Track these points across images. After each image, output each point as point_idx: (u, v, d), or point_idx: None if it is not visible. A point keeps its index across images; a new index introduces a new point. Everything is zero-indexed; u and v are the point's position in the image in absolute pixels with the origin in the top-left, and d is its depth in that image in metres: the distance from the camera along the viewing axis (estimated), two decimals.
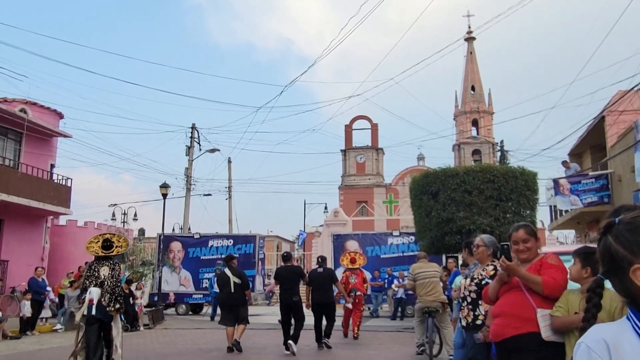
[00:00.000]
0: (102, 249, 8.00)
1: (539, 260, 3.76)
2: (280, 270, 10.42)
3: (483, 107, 55.38)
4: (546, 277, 3.59)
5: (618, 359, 1.18)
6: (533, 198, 14.72)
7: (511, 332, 3.65)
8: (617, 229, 1.31)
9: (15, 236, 18.86)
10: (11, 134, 19.12)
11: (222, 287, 10.18)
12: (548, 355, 3.52)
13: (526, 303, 3.64)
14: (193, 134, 28.42)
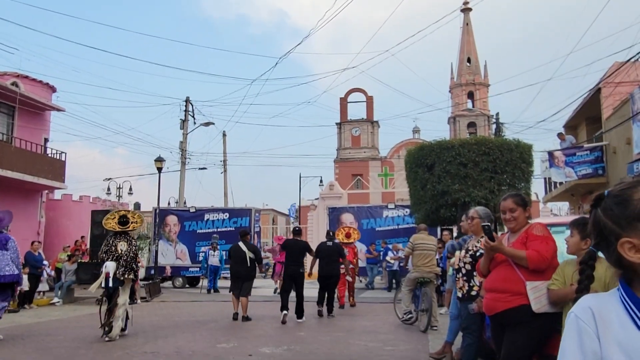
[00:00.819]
0: (119, 225, 8.60)
1: (525, 231, 3.79)
2: (289, 241, 10.93)
3: (479, 79, 55.14)
4: (530, 252, 3.61)
5: (604, 327, 1.19)
6: (528, 170, 14.77)
7: (502, 307, 3.70)
8: (605, 202, 1.31)
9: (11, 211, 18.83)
10: (3, 108, 18.95)
11: (237, 260, 10.59)
12: (540, 325, 3.56)
13: (515, 277, 3.68)
14: (187, 107, 28.21)
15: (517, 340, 3.62)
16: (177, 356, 6.84)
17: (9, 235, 8.51)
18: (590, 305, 1.24)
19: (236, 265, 10.67)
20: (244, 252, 10.51)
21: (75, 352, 7.22)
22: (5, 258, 8.05)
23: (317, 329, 9.36)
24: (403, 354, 6.96)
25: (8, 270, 8.01)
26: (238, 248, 10.68)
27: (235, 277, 10.70)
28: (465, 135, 45.49)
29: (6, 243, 8.22)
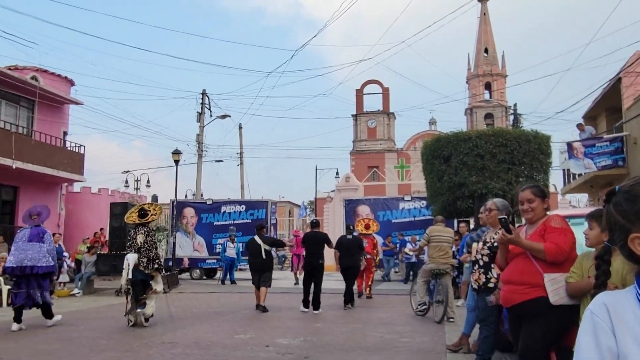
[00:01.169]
0: (139, 217, 9.03)
1: (543, 223, 3.76)
2: (308, 235, 11.18)
3: (496, 69, 54.56)
4: (548, 244, 3.58)
5: (619, 324, 1.20)
6: (546, 162, 14.61)
7: (519, 299, 3.68)
8: (616, 197, 1.31)
9: (31, 203, 19.01)
10: (23, 102, 19.19)
11: (253, 253, 10.90)
12: (558, 318, 3.54)
13: (533, 269, 3.66)
14: (204, 99, 28.34)
15: (535, 332, 3.61)
16: (195, 346, 6.92)
17: (45, 229, 9.02)
18: (605, 301, 1.25)
19: (253, 258, 10.99)
20: (259, 245, 10.79)
21: (96, 342, 7.34)
22: (42, 250, 8.56)
23: (334, 321, 9.40)
24: (419, 346, 6.97)
25: (44, 262, 8.53)
26: (254, 242, 10.97)
27: (253, 269, 11.02)
28: (483, 126, 45.09)
29: (43, 236, 8.74)
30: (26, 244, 8.55)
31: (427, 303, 9.60)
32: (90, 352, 6.60)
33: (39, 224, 8.90)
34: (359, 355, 6.36)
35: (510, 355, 6.27)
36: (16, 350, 6.73)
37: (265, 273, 10.77)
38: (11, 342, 7.31)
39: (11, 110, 18.78)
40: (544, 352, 3.63)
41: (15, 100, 18.83)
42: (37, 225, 8.82)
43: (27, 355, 6.46)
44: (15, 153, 16.94)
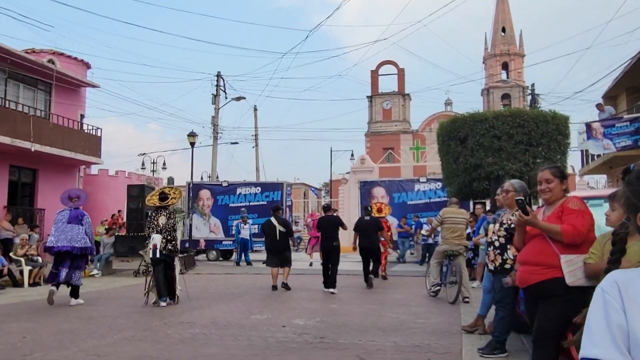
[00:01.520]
0: (159, 200, 9.38)
1: (561, 204, 3.72)
2: (322, 219, 11.50)
3: (514, 49, 53.78)
4: (565, 226, 3.55)
5: (630, 302, 1.20)
6: (564, 143, 14.44)
7: (535, 279, 3.67)
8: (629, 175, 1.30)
9: (50, 185, 19.37)
10: (41, 85, 19.35)
11: (269, 234, 11.21)
12: (574, 298, 3.52)
13: (549, 250, 3.64)
14: (219, 81, 28.34)
15: (551, 312, 3.60)
16: (212, 326, 7.01)
17: (83, 212, 9.65)
18: (616, 279, 1.25)
19: (269, 239, 11.26)
20: (274, 226, 11.09)
21: (115, 321, 7.47)
22: (80, 231, 9.19)
23: (349, 302, 9.46)
24: (435, 327, 6.99)
25: (82, 243, 9.15)
26: (270, 223, 11.25)
27: (270, 250, 11.33)
28: (499, 107, 44.61)
29: (82, 218, 9.38)
30: (66, 226, 9.11)
31: (440, 284, 9.67)
32: (110, 331, 6.73)
33: (78, 206, 9.48)
34: (375, 335, 6.41)
35: (526, 336, 6.27)
36: (38, 329, 6.87)
37: (282, 254, 11.10)
38: (33, 322, 7.47)
39: (29, 93, 18.94)
40: (559, 333, 3.62)
41: (32, 83, 18.98)
42: (76, 207, 9.41)
43: (49, 334, 6.60)
44: (34, 136, 17.13)
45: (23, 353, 5.56)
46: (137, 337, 6.39)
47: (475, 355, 5.44)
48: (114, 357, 5.35)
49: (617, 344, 1.17)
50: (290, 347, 5.80)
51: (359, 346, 5.82)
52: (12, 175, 18.20)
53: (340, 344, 5.95)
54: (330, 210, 11.76)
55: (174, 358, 5.29)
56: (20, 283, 12.30)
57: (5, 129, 16.28)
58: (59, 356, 5.42)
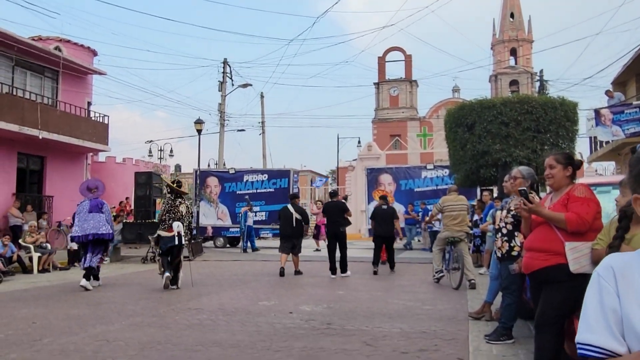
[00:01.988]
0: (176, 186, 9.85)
1: (567, 192, 3.72)
2: (328, 205, 11.77)
3: (522, 35, 53.28)
4: (569, 214, 3.56)
5: (625, 286, 1.20)
6: (572, 129, 14.30)
7: (539, 265, 3.70)
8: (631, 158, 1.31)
9: (58, 173, 19.46)
10: (48, 72, 19.37)
11: (285, 221, 11.53)
12: (577, 285, 3.52)
13: (554, 237, 3.65)
14: (225, 69, 28.28)
15: (554, 298, 3.62)
16: (220, 312, 7.06)
17: (103, 201, 10.20)
18: (612, 263, 1.25)
19: (285, 225, 11.57)
20: (291, 213, 11.43)
21: (124, 307, 7.53)
22: (102, 219, 9.79)
23: (356, 288, 9.49)
24: (442, 313, 7.01)
25: (104, 230, 9.77)
26: (286, 210, 11.60)
27: (284, 236, 11.61)
28: (507, 93, 44.26)
29: (102, 207, 9.95)
30: (87, 215, 9.72)
31: (443, 270, 9.82)
32: (119, 317, 6.79)
33: (97, 196, 10.06)
34: (382, 321, 6.43)
35: (532, 323, 6.27)
36: (47, 315, 6.94)
37: (296, 240, 11.43)
38: (42, 308, 7.55)
39: (36, 80, 18.97)
40: (561, 319, 3.64)
41: (39, 70, 19.01)
42: (95, 197, 9.99)
43: (58, 319, 6.66)
44: (41, 123, 17.18)
45: (33, 338, 5.62)
46: (145, 322, 6.44)
47: (482, 342, 5.45)
48: (122, 342, 5.40)
49: (611, 329, 1.18)
50: (297, 333, 5.83)
51: (366, 332, 5.84)
52: (21, 162, 18.29)
53: (347, 330, 5.98)
54: (337, 196, 12.03)
55: (182, 343, 5.34)
56: (30, 270, 12.41)
57: (13, 117, 16.33)
58: (68, 341, 5.47)
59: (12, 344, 5.37)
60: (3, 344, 5.36)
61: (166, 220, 9.49)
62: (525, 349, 5.17)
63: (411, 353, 4.98)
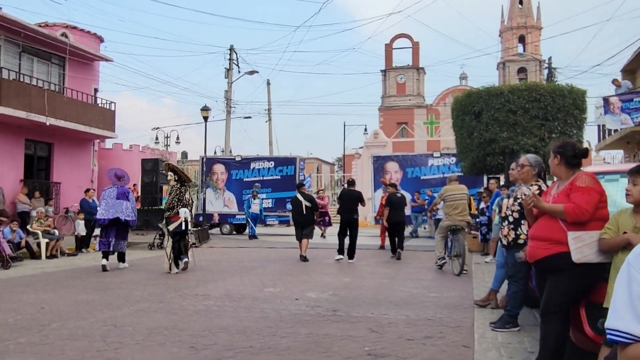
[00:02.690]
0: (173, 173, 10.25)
1: (570, 182, 3.72)
2: (344, 192, 12.23)
3: (531, 21, 52.78)
4: (567, 205, 3.58)
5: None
6: (581, 117, 14.22)
7: (542, 254, 3.72)
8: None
9: (65, 159, 19.54)
10: (55, 59, 19.38)
11: (296, 209, 11.98)
12: (580, 274, 3.53)
13: (556, 226, 3.67)
14: (232, 55, 28.21)
15: (558, 286, 3.63)
16: (227, 298, 7.10)
17: (128, 189, 10.96)
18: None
19: (296, 213, 12.08)
20: (300, 201, 11.80)
21: (131, 293, 7.59)
22: (128, 206, 10.49)
23: (362, 276, 9.51)
24: (447, 301, 7.02)
25: (131, 216, 10.55)
26: (296, 199, 12.01)
27: (296, 224, 12.10)
28: (515, 81, 43.95)
29: (128, 195, 10.70)
30: (115, 201, 10.37)
31: (445, 257, 9.99)
32: (126, 303, 6.84)
33: (123, 185, 10.80)
34: (387, 308, 6.45)
35: (538, 311, 6.28)
36: (56, 300, 7.01)
37: (307, 226, 11.84)
38: (51, 293, 7.61)
39: (43, 67, 18.99)
40: (566, 307, 3.64)
41: (46, 57, 19.02)
42: (122, 186, 10.72)
43: (66, 304, 6.72)
44: (49, 110, 17.23)
45: (41, 323, 5.68)
46: (153, 308, 6.49)
47: (487, 329, 5.46)
48: (130, 327, 5.45)
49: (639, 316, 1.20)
50: (303, 319, 5.86)
51: (371, 319, 5.87)
52: (28, 149, 18.37)
53: (352, 317, 6.00)
54: (354, 185, 12.53)
55: (189, 329, 5.38)
56: (38, 255, 12.51)
57: (21, 103, 16.38)
58: (76, 326, 5.52)
59: (20, 329, 5.43)
60: (12, 329, 5.42)
61: (175, 206, 9.92)
62: (530, 337, 5.18)
63: (416, 340, 5.00)
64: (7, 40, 17.25)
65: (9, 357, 4.43)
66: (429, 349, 4.71)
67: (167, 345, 4.78)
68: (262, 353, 4.55)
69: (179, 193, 10.00)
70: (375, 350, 4.65)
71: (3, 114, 15.94)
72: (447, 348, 4.76)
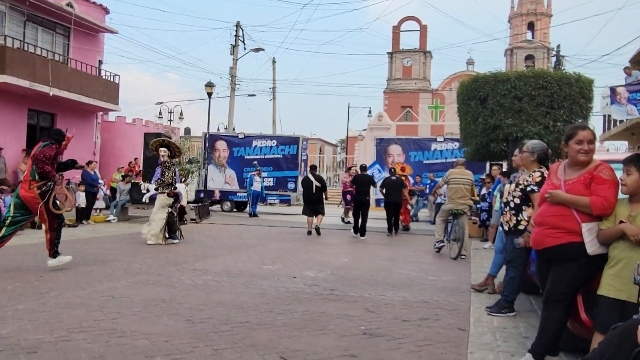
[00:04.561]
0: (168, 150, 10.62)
1: (589, 171, 3.59)
2: (359, 176, 13.36)
3: (541, 8, 52.26)
4: (594, 199, 3.46)
5: None
6: (587, 106, 14.08)
7: (552, 242, 3.64)
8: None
9: (68, 131, 19.48)
10: (59, 29, 19.24)
11: (306, 188, 13.26)
12: (588, 263, 3.50)
13: (569, 214, 3.58)
14: (238, 32, 28.00)
15: (565, 275, 3.59)
16: (225, 274, 7.13)
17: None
18: None
19: (306, 192, 13.29)
20: (311, 181, 13.10)
21: (130, 265, 7.63)
22: None
23: (361, 257, 9.54)
24: (445, 284, 7.04)
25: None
26: (307, 179, 13.34)
27: (307, 201, 13.29)
28: (522, 68, 43.66)
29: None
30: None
31: (444, 241, 10.03)
32: (125, 274, 6.87)
33: None
34: (385, 290, 6.47)
35: (535, 297, 6.31)
36: (55, 270, 7.04)
37: (318, 205, 13.16)
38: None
39: (47, 37, 18.87)
40: (569, 296, 3.62)
41: (51, 26, 18.89)
42: None
43: (65, 274, 6.76)
44: (52, 80, 17.15)
45: (40, 291, 5.71)
46: (151, 281, 6.52)
47: (483, 313, 5.48)
48: (127, 299, 5.48)
49: None
50: (300, 297, 5.89)
51: (368, 299, 5.89)
52: (31, 119, 18.33)
53: (349, 296, 6.03)
54: (366, 169, 13.91)
55: (186, 302, 5.40)
56: (39, 225, 12.53)
57: (25, 72, 16.31)
58: (74, 295, 5.56)
59: (19, 296, 5.46)
60: (11, 295, 5.45)
61: (173, 182, 10.44)
62: (526, 322, 5.19)
63: (412, 321, 5.02)
64: (12, 8, 17.11)
65: (6, 323, 4.45)
66: (424, 331, 4.73)
67: (164, 318, 4.80)
68: (259, 328, 4.57)
69: (173, 168, 10.58)
70: (371, 329, 4.67)
71: (7, 83, 15.87)
72: (442, 330, 4.78)
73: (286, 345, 4.12)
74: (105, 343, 4.01)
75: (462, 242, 9.51)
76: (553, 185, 3.74)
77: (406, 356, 4.01)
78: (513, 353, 4.20)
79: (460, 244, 9.52)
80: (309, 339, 4.33)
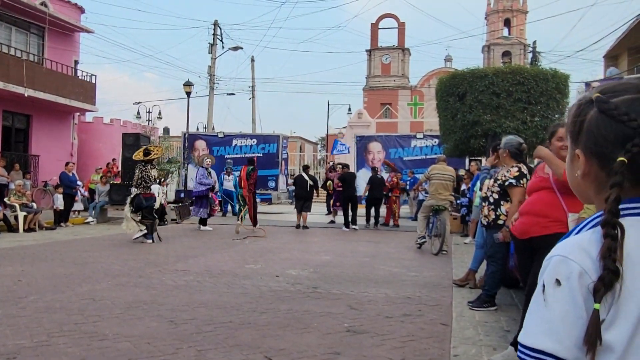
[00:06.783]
0: (144, 156, 11.02)
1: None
2: (345, 175, 14.50)
3: (517, 5, 52.82)
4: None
5: None
6: (563, 102, 14.30)
7: (538, 232, 3.65)
8: None
9: (44, 132, 19.21)
10: (34, 29, 18.93)
11: (300, 185, 14.25)
12: None
13: (557, 203, 3.60)
14: (216, 30, 27.81)
15: None
16: (207, 274, 7.09)
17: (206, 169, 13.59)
18: None
19: (299, 189, 14.33)
20: (305, 180, 14.11)
21: (110, 267, 7.54)
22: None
23: (343, 254, 9.56)
24: (426, 280, 7.09)
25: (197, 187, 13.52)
26: (301, 176, 14.45)
27: (298, 197, 14.33)
28: (500, 64, 44.10)
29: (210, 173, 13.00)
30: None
31: (425, 237, 10.07)
32: (105, 277, 6.79)
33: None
34: (367, 286, 6.50)
35: (515, 291, 6.38)
36: (34, 273, 6.93)
37: (307, 202, 14.08)
38: (29, 266, 7.53)
39: (21, 37, 18.55)
40: None
41: (25, 26, 18.56)
42: None
43: (44, 278, 6.66)
44: (27, 81, 16.86)
45: (18, 295, 5.62)
46: (132, 283, 6.46)
47: (465, 308, 5.53)
48: (108, 301, 5.42)
49: None
50: (283, 296, 5.88)
51: (351, 296, 5.91)
52: (6, 120, 18.02)
53: (332, 294, 6.04)
54: (349, 167, 15.51)
55: (168, 304, 5.36)
56: (16, 228, 12.34)
57: None
58: (54, 299, 5.48)
59: None
60: None
61: (141, 184, 10.80)
62: (507, 316, 5.25)
63: (395, 317, 5.04)
64: None
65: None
66: (407, 327, 4.76)
67: (146, 320, 4.76)
68: (242, 328, 4.56)
69: (146, 171, 10.86)
70: (354, 326, 4.69)
71: None
72: (425, 326, 4.81)
73: (270, 345, 4.12)
74: (87, 347, 3.96)
75: (443, 238, 9.56)
76: (541, 177, 3.81)
77: (390, 352, 4.04)
78: (495, 347, 4.24)
79: (441, 240, 9.57)
80: (293, 338, 4.33)
